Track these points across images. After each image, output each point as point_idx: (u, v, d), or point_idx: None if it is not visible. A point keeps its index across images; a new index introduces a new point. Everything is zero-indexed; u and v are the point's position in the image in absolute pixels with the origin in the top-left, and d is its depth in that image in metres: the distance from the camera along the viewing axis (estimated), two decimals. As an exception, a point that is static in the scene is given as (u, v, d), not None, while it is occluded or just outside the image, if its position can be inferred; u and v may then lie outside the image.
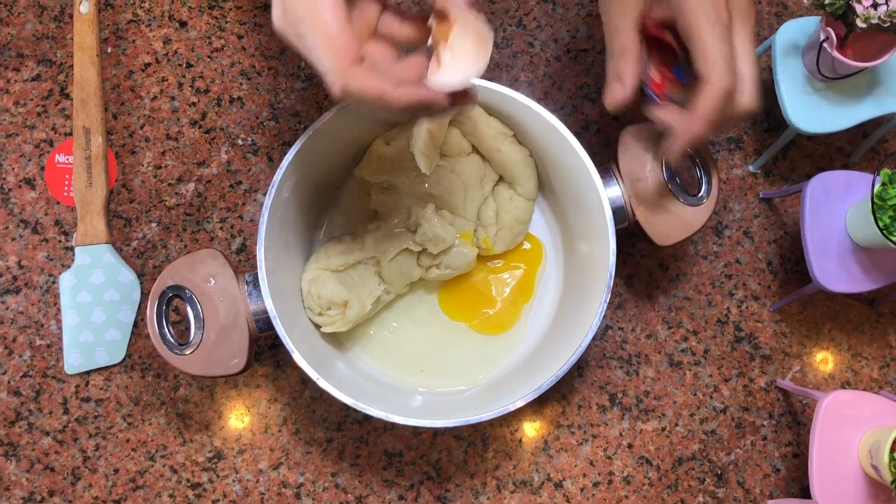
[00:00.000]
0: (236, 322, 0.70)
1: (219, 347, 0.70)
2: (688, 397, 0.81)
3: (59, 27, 0.86)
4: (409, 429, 0.80)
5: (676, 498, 0.79)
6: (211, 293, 0.70)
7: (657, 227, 0.73)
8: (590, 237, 0.74)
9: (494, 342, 0.80)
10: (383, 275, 0.76)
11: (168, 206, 0.83)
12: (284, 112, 0.85)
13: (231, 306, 0.70)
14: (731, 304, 0.83)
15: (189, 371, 0.69)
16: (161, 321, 0.70)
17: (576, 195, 0.75)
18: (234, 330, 0.70)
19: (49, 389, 0.80)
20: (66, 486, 0.78)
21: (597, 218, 0.72)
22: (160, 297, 0.70)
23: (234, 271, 0.71)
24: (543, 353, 0.76)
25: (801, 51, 0.76)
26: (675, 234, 0.73)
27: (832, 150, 0.86)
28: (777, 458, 0.81)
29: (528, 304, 0.80)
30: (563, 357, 0.69)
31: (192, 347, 0.70)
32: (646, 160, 0.72)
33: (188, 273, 0.71)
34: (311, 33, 0.54)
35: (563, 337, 0.74)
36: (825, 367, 0.83)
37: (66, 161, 0.83)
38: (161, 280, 0.70)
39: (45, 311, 0.81)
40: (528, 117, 0.73)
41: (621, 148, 0.73)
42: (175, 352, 0.70)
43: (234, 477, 0.79)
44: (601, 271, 0.71)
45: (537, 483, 0.79)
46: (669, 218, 0.72)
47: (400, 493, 0.79)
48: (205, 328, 0.70)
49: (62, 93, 0.84)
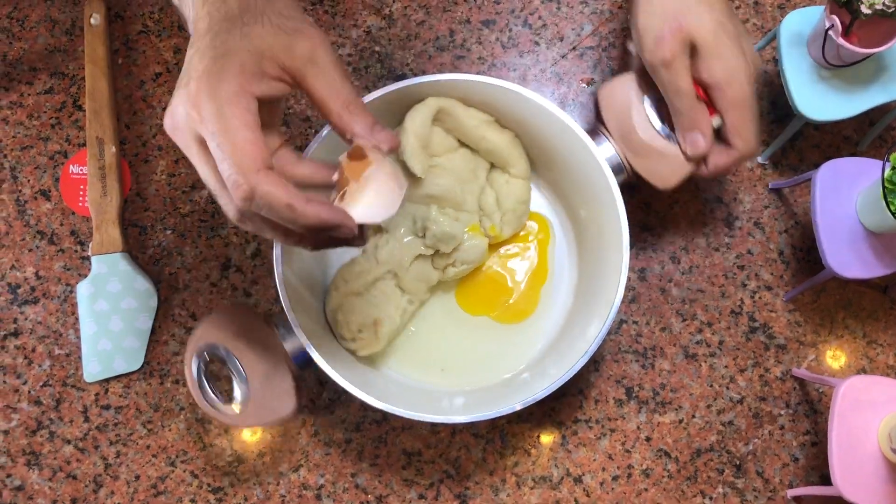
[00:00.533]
0: (276, 366, 0.70)
1: (266, 396, 0.70)
2: (704, 389, 0.81)
3: (70, 40, 0.87)
4: (427, 427, 0.80)
5: (696, 490, 0.80)
6: (244, 345, 0.70)
7: (656, 172, 0.74)
8: (593, 202, 0.75)
9: (516, 333, 0.80)
10: (403, 285, 0.77)
11: (182, 214, 0.84)
12: (295, 118, 0.86)
13: (267, 352, 0.70)
14: (744, 294, 0.83)
15: (245, 425, 0.68)
16: (202, 385, 0.69)
17: (572, 164, 0.76)
18: (275, 374, 0.70)
19: (69, 398, 0.80)
20: (89, 494, 0.79)
21: (597, 179, 0.73)
22: (196, 361, 0.70)
23: (263, 320, 0.71)
24: (569, 335, 0.77)
25: (806, 40, 0.76)
26: (674, 174, 0.73)
27: (839, 140, 0.86)
28: (795, 447, 0.81)
29: (547, 284, 0.81)
30: (593, 328, 0.70)
31: (241, 403, 0.69)
32: (629, 112, 0.73)
33: (217, 331, 0.70)
34: (218, 133, 0.52)
35: (587, 311, 0.74)
36: (840, 355, 0.83)
37: (81, 172, 0.84)
38: (192, 345, 0.70)
39: (63, 320, 0.82)
40: (513, 101, 0.74)
41: (602, 106, 0.74)
42: (224, 411, 0.69)
43: (254, 480, 0.79)
44: (614, 233, 0.71)
45: (556, 478, 0.79)
46: (665, 160, 0.73)
47: (420, 492, 0.79)
48: (248, 381, 0.70)
49: (75, 104, 0.85)
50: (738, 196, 0.85)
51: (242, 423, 0.69)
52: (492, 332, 0.80)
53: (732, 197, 0.85)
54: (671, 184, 0.74)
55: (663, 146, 0.73)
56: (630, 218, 0.71)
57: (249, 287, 0.82)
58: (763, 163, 0.85)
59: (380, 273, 0.76)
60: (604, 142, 0.74)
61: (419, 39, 0.88)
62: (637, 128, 0.73)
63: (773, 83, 0.87)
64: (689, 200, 0.85)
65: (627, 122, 0.73)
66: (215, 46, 0.55)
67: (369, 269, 0.76)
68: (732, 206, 0.85)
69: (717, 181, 0.85)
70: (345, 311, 0.75)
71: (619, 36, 0.89)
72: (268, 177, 0.52)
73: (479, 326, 0.80)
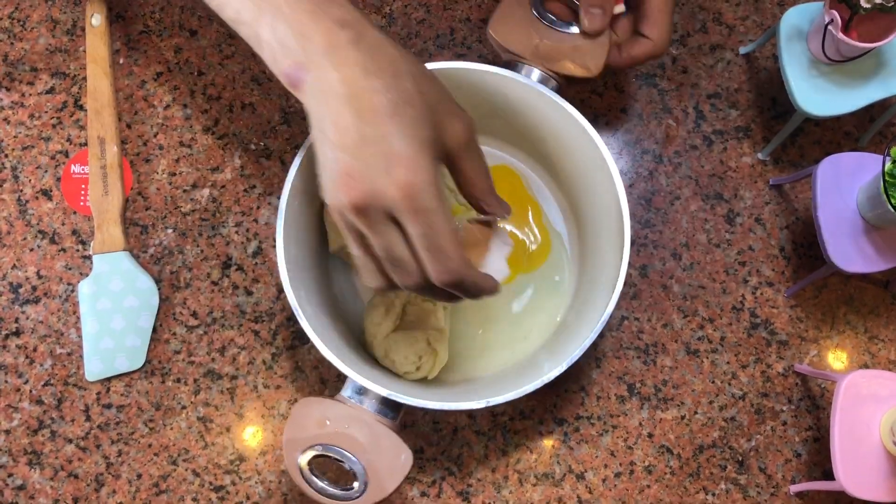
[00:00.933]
0: (373, 430, 0.68)
1: (381, 463, 0.68)
2: (706, 385, 0.81)
3: (71, 40, 0.87)
4: (429, 425, 0.80)
5: (699, 486, 0.79)
6: (336, 430, 0.68)
7: (579, 66, 0.74)
8: (543, 123, 0.76)
9: (530, 314, 0.80)
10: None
11: (183, 213, 0.84)
12: (296, 115, 0.86)
13: (358, 423, 0.68)
14: (745, 291, 0.83)
15: (381, 497, 0.66)
16: (319, 488, 0.68)
17: (505, 107, 0.76)
18: (377, 439, 0.68)
19: (71, 397, 0.80)
20: (90, 493, 0.79)
21: (537, 102, 0.74)
22: (301, 472, 0.68)
23: (330, 396, 0.70)
24: (581, 307, 0.77)
25: (806, 35, 0.76)
26: (595, 59, 0.74)
27: (840, 136, 0.86)
28: (798, 442, 0.81)
29: (542, 216, 0.82)
30: (609, 279, 0.71)
31: (363, 482, 0.67)
32: (527, 27, 0.74)
33: (301, 433, 0.68)
34: (433, 212, 0.55)
35: (592, 279, 0.76)
36: (842, 351, 0.83)
37: (82, 171, 0.84)
38: (289, 457, 0.68)
39: (64, 319, 0.82)
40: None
41: (500, 36, 0.74)
42: (353, 498, 0.67)
43: (256, 478, 0.79)
44: (585, 144, 0.73)
45: (559, 475, 0.79)
46: (581, 51, 0.74)
47: (422, 490, 0.79)
48: (358, 459, 0.68)
49: (76, 104, 0.86)
50: (739, 192, 0.85)
51: (376, 498, 0.67)
52: (500, 319, 0.81)
53: (733, 193, 0.85)
54: (599, 68, 0.74)
55: (572, 39, 0.74)
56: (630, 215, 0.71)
57: (251, 285, 0.83)
58: (764, 159, 0.85)
59: (403, 298, 0.76)
60: (524, 68, 0.74)
61: (419, 38, 0.88)
62: (540, 36, 0.74)
63: (774, 80, 0.87)
64: (689, 197, 0.85)
65: (529, 37, 0.74)
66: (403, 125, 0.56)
67: (392, 302, 0.76)
68: (733, 203, 0.85)
69: (717, 178, 0.85)
70: (396, 351, 0.74)
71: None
72: (467, 262, 0.59)
73: (488, 311, 0.80)
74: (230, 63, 0.87)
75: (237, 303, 0.82)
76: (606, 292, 0.70)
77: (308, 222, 0.77)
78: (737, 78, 0.87)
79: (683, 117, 0.86)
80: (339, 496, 0.68)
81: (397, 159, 0.54)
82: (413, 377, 0.75)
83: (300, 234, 0.75)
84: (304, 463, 0.68)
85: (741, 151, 0.86)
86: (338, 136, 0.55)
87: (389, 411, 0.70)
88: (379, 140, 0.54)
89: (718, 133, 0.86)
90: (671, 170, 0.85)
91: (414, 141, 0.55)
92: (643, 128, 0.86)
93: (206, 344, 0.81)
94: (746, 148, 0.86)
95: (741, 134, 0.86)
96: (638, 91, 0.87)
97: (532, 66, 0.74)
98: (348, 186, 0.55)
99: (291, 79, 0.58)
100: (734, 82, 0.87)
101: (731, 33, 0.88)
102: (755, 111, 0.87)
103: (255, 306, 0.82)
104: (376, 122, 0.54)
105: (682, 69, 0.88)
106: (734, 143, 0.86)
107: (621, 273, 0.69)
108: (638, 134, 0.86)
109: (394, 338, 0.75)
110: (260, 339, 0.82)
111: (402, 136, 0.54)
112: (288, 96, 0.86)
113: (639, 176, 0.85)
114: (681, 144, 0.86)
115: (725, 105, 0.87)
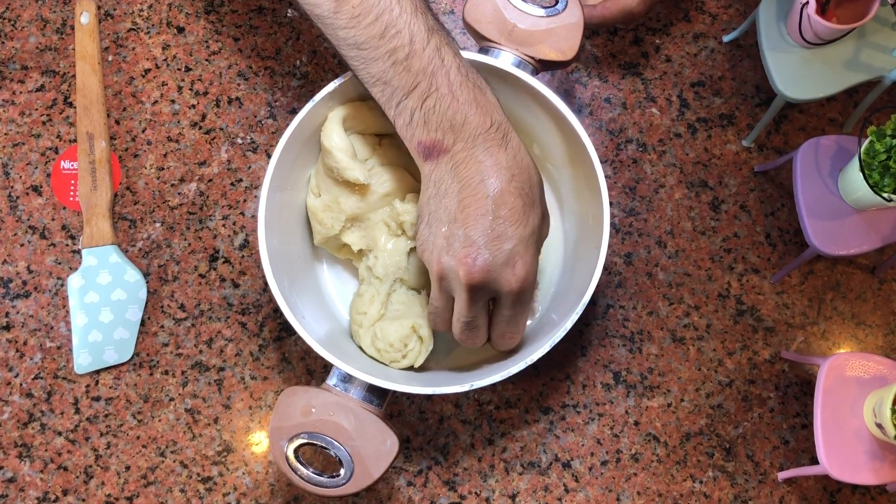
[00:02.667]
0: (359, 417, 0.68)
1: (367, 450, 0.68)
2: (692, 372, 0.81)
3: (61, 38, 0.88)
4: (415, 414, 0.80)
5: (686, 474, 0.79)
6: (321, 418, 0.68)
7: (554, 50, 0.74)
8: (523, 109, 0.77)
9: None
10: (414, 284, 0.77)
11: (171, 206, 0.85)
12: (282, 109, 0.87)
13: (343, 410, 0.68)
14: (731, 277, 0.83)
15: (368, 483, 0.67)
16: (306, 476, 0.68)
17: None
18: (362, 425, 0.68)
19: (60, 390, 0.81)
20: (80, 485, 0.79)
21: (515, 88, 0.74)
22: (287, 460, 0.68)
23: (316, 386, 0.70)
24: (570, 277, 0.77)
25: (785, 20, 0.76)
26: (570, 42, 0.74)
27: (825, 122, 0.86)
28: (785, 429, 0.80)
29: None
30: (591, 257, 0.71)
31: (349, 469, 0.68)
32: (499, 12, 0.74)
33: (287, 422, 0.69)
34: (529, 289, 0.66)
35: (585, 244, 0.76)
36: (829, 337, 0.82)
37: (72, 167, 0.85)
38: (275, 446, 0.68)
39: (54, 313, 0.83)
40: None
41: (473, 22, 0.75)
42: (340, 485, 0.68)
43: (243, 469, 0.79)
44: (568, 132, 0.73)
45: (545, 464, 0.79)
46: (555, 34, 0.74)
47: (408, 480, 0.79)
48: (344, 446, 0.68)
49: (66, 101, 0.87)
50: (724, 180, 0.85)
51: (365, 484, 0.67)
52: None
53: (718, 180, 0.85)
54: (574, 51, 0.74)
55: (546, 23, 0.74)
56: (615, 203, 0.71)
57: (238, 278, 0.83)
58: (748, 146, 0.85)
59: (388, 287, 0.77)
60: (498, 52, 0.74)
61: (404, 31, 0.89)
62: (513, 21, 0.74)
63: (757, 67, 0.87)
64: (674, 185, 0.85)
65: (503, 22, 0.74)
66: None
67: (377, 290, 0.76)
68: (718, 190, 0.85)
69: (702, 165, 0.85)
70: (381, 338, 0.75)
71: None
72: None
73: None
74: (217, 59, 0.88)
75: (224, 295, 0.83)
76: (588, 278, 0.70)
77: (292, 215, 0.77)
78: (720, 66, 0.87)
79: (667, 106, 0.87)
80: (325, 483, 0.68)
81: (520, 258, 0.63)
82: (399, 365, 0.76)
83: (284, 226, 0.76)
84: (290, 451, 0.68)
85: (725, 139, 0.86)
86: (470, 221, 0.62)
87: (375, 398, 0.70)
88: (509, 238, 0.62)
89: (702, 121, 0.86)
90: (655, 158, 0.85)
91: (532, 242, 0.63)
92: (627, 117, 0.86)
93: (193, 336, 0.82)
94: (731, 135, 0.86)
95: (725, 122, 0.86)
96: (621, 80, 0.87)
97: (508, 51, 0.74)
98: (470, 268, 0.62)
99: (427, 150, 0.64)
100: (718, 70, 0.87)
101: (714, 21, 0.89)
102: (739, 99, 0.87)
103: (242, 298, 0.83)
104: (510, 222, 0.62)
105: (666, 58, 0.88)
106: (718, 131, 0.86)
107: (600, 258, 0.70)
108: (622, 123, 0.86)
109: (380, 326, 0.75)
110: (247, 330, 0.82)
111: (526, 238, 0.63)
112: (274, 91, 0.87)
113: (623, 164, 0.85)
114: (665, 133, 0.86)
115: (709, 93, 0.87)
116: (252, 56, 0.88)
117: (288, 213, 0.76)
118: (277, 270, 0.71)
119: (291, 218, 0.77)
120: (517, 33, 0.74)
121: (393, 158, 0.77)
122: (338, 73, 0.87)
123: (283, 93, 0.87)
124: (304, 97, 0.87)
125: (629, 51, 0.88)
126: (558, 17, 0.74)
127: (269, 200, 0.72)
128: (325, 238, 0.77)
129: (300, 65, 0.88)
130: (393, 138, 0.79)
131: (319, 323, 0.76)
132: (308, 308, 0.76)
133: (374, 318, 0.76)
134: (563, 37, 0.74)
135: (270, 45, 0.88)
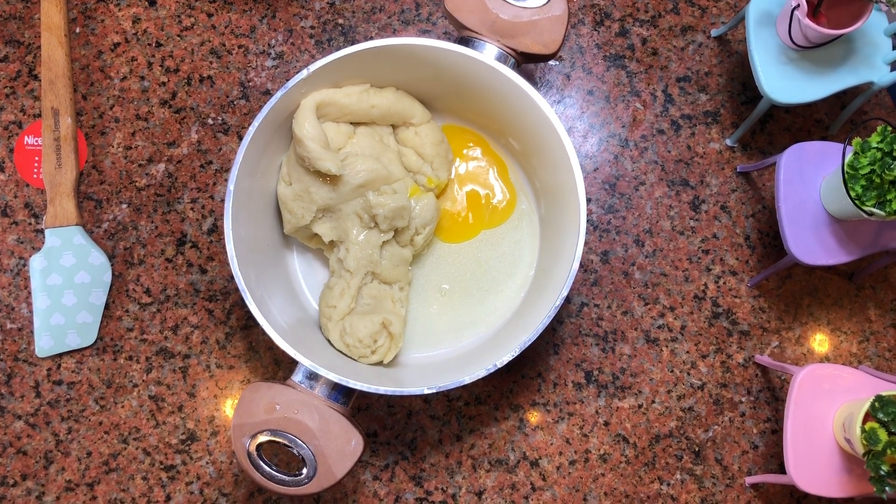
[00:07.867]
0: (323, 416, 0.67)
1: (331, 449, 0.67)
2: (665, 374, 0.80)
3: (26, 7, 0.85)
4: (383, 408, 0.79)
5: (654, 475, 0.79)
6: (285, 415, 0.67)
7: (537, 42, 0.72)
8: (503, 101, 0.75)
9: (494, 291, 0.79)
10: (385, 278, 0.75)
11: (138, 188, 0.82)
12: (255, 90, 0.84)
13: (308, 408, 0.67)
14: (708, 279, 0.82)
15: (331, 483, 0.66)
16: (267, 474, 0.67)
17: (469, 85, 0.75)
18: (327, 424, 0.67)
19: (20, 373, 0.79)
20: (39, 470, 0.78)
21: (494, 80, 0.72)
22: (249, 457, 0.67)
23: (281, 382, 0.69)
24: (541, 280, 0.76)
25: (775, 21, 0.74)
26: (553, 35, 0.73)
27: (811, 123, 0.85)
28: (755, 434, 0.80)
29: (511, 172, 0.81)
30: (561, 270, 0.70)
31: (312, 468, 0.67)
32: (481, 3, 0.73)
33: (250, 418, 0.67)
34: None
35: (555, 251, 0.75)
36: (804, 343, 0.82)
37: (36, 143, 0.82)
38: (237, 443, 0.67)
39: (15, 294, 0.80)
40: (403, 55, 0.73)
41: (454, 11, 0.73)
42: (302, 484, 0.66)
43: (207, 459, 0.78)
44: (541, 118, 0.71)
45: (513, 462, 0.79)
46: (538, 26, 0.72)
47: (374, 474, 0.78)
48: (307, 445, 0.67)
49: (31, 74, 0.84)
50: (706, 179, 0.83)
51: (328, 483, 0.66)
52: (470, 296, 0.80)
53: (699, 180, 0.83)
54: (557, 45, 0.73)
55: (529, 14, 0.72)
56: (593, 200, 0.70)
57: (206, 263, 0.81)
58: (732, 145, 0.84)
59: (359, 280, 0.75)
60: (481, 45, 0.72)
61: (384, 12, 0.86)
62: (496, 11, 0.72)
63: (745, 64, 0.85)
64: (654, 183, 0.83)
65: (485, 12, 0.72)
66: None
67: (348, 283, 0.75)
68: (699, 189, 0.83)
69: (684, 163, 0.83)
70: (351, 333, 0.73)
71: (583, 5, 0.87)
72: None
73: (458, 289, 0.80)
74: (189, 35, 0.85)
75: (191, 281, 0.81)
76: (563, 277, 0.69)
77: (262, 202, 0.75)
78: (707, 61, 0.85)
79: (651, 100, 0.85)
80: (287, 482, 0.67)
81: None
82: (368, 361, 0.74)
83: (254, 213, 0.73)
84: (253, 448, 0.67)
85: (709, 137, 0.84)
86: None
87: (341, 396, 0.69)
88: None
89: (686, 117, 0.84)
90: (637, 154, 0.84)
91: None
92: (610, 111, 0.84)
93: (158, 322, 0.80)
94: (714, 133, 0.84)
95: (710, 119, 0.84)
96: (606, 73, 0.85)
97: (490, 43, 0.72)
98: None
99: None
100: (705, 65, 0.85)
101: (703, 15, 0.86)
102: (725, 96, 0.85)
103: (209, 285, 0.81)
104: None
105: (653, 51, 0.86)
106: (702, 129, 0.84)
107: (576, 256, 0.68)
108: (604, 117, 0.84)
109: (349, 320, 0.74)
110: (214, 318, 0.80)
111: None
112: (247, 70, 0.84)
113: (603, 160, 0.83)
114: (648, 128, 0.84)
115: (695, 89, 0.85)
116: (226, 33, 0.85)
117: (258, 201, 0.74)
118: (244, 261, 0.69)
119: (261, 205, 0.75)
120: (499, 24, 0.71)
121: (368, 148, 0.75)
122: (314, 55, 0.84)
123: (257, 73, 0.84)
124: (279, 78, 0.84)
125: (615, 42, 0.86)
126: (542, 9, 0.72)
127: (237, 187, 0.69)
128: (295, 227, 0.75)
129: (275, 44, 0.85)
130: (369, 127, 0.77)
131: (287, 314, 0.74)
132: (276, 298, 0.74)
133: (344, 312, 0.74)
134: (547, 29, 0.72)
135: (245, 23, 0.85)
